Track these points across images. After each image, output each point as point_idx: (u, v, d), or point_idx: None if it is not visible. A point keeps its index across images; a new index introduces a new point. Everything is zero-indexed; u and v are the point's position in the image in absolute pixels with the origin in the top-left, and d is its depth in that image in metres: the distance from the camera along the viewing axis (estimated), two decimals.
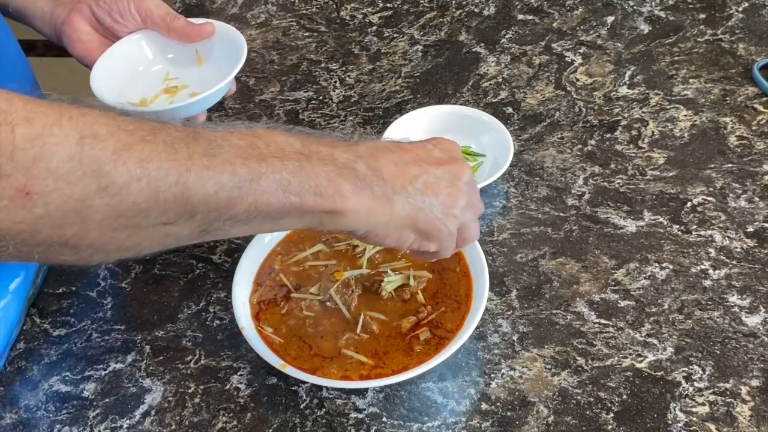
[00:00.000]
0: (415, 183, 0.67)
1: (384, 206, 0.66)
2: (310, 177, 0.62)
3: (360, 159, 0.65)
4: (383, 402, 0.80)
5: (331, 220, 0.64)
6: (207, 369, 0.84)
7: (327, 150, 0.64)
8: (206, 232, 0.60)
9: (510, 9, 1.24)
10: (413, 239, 0.69)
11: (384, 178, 0.66)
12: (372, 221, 0.66)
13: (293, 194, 0.61)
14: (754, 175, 0.97)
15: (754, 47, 1.14)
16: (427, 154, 0.70)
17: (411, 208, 0.67)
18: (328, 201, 0.62)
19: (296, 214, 0.62)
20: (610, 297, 0.87)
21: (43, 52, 2.41)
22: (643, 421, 0.77)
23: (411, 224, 0.68)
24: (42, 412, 0.82)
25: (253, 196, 0.59)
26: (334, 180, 0.63)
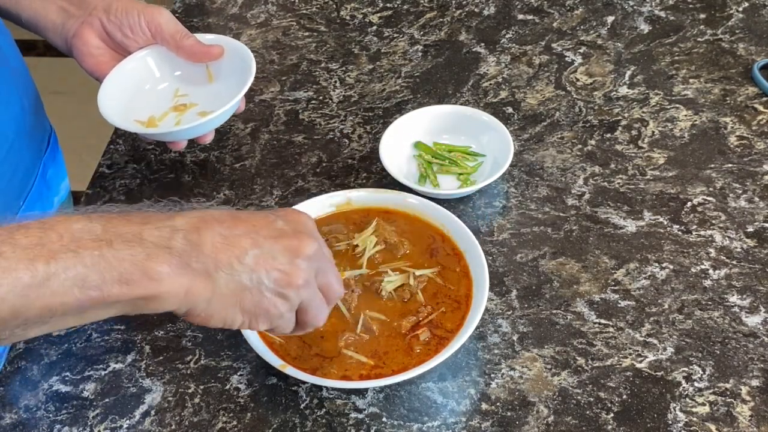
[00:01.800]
0: (244, 258, 0.62)
1: (205, 284, 0.61)
2: (112, 266, 0.57)
3: (177, 234, 0.60)
4: (383, 402, 0.80)
5: (146, 305, 0.60)
6: (207, 369, 0.84)
7: (134, 229, 0.59)
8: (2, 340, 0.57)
9: (510, 9, 1.24)
10: (241, 320, 0.64)
11: (206, 253, 0.61)
12: (192, 300, 0.61)
13: (92, 288, 0.56)
14: (754, 175, 0.97)
15: (754, 47, 1.14)
16: (265, 226, 0.65)
17: (236, 286, 0.62)
18: (136, 288, 0.58)
19: (101, 306, 0.58)
20: (610, 297, 0.87)
21: (43, 52, 2.41)
22: (643, 421, 0.77)
23: (236, 303, 0.63)
24: (42, 412, 0.82)
25: (43, 299, 0.55)
26: (142, 264, 0.58)
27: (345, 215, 0.93)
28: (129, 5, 0.93)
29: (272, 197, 1.01)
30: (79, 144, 1.05)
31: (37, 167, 0.95)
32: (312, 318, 0.69)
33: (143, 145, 1.07)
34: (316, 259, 0.66)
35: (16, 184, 0.90)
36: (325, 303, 0.70)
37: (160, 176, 1.05)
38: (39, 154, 0.96)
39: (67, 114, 1.23)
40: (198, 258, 0.61)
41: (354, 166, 1.03)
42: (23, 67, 0.94)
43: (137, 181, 1.04)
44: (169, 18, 0.95)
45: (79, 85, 0.97)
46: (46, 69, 2.55)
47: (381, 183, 1.00)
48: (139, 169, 1.06)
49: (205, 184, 1.03)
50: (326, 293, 0.69)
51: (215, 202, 1.00)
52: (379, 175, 1.01)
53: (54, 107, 1.01)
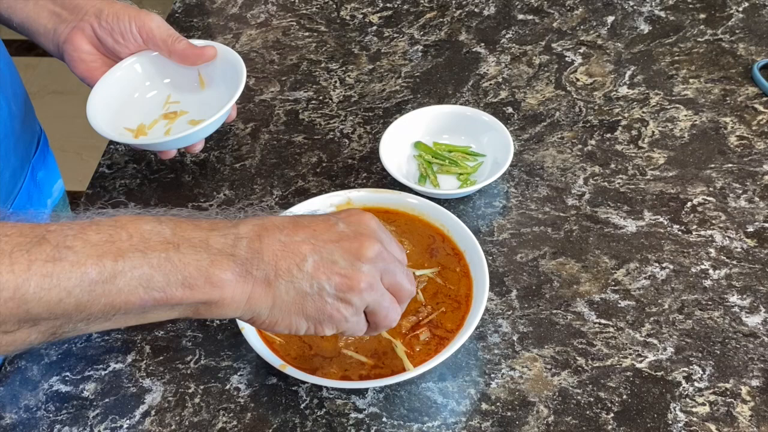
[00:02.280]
0: (304, 264, 0.62)
1: (266, 291, 0.61)
2: (177, 269, 0.58)
3: (240, 241, 0.61)
4: (383, 402, 0.80)
5: (208, 310, 0.61)
6: (207, 369, 0.84)
7: (201, 235, 0.60)
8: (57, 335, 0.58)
9: (510, 9, 1.24)
10: (306, 326, 0.65)
11: (266, 261, 0.61)
12: (254, 308, 0.62)
13: (156, 290, 0.57)
14: (754, 175, 0.97)
15: (754, 47, 1.14)
16: (326, 230, 0.64)
17: (296, 293, 0.63)
18: (198, 293, 0.59)
19: (164, 307, 0.59)
20: (610, 297, 0.87)
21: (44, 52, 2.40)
22: (643, 421, 0.77)
23: (299, 310, 0.63)
24: (42, 412, 0.82)
25: (108, 297, 0.56)
26: (206, 269, 0.59)
27: None
28: (120, 11, 0.92)
29: (272, 197, 1.01)
30: (79, 144, 1.05)
31: (25, 170, 0.95)
32: (383, 319, 0.68)
33: None
34: (380, 260, 0.65)
35: (3, 186, 0.90)
36: (396, 303, 0.69)
37: (160, 176, 1.05)
38: (27, 157, 0.96)
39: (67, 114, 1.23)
40: (259, 266, 0.61)
41: (354, 166, 1.03)
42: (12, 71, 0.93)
43: (137, 181, 1.04)
44: (161, 23, 0.94)
45: (79, 85, 0.97)
46: (46, 69, 2.56)
47: (381, 183, 1.00)
48: (139, 169, 1.06)
49: (205, 184, 1.03)
50: (396, 293, 0.68)
51: (215, 202, 1.00)
52: (379, 175, 1.01)
53: (54, 107, 1.01)
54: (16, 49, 1.00)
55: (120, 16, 0.92)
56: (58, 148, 1.12)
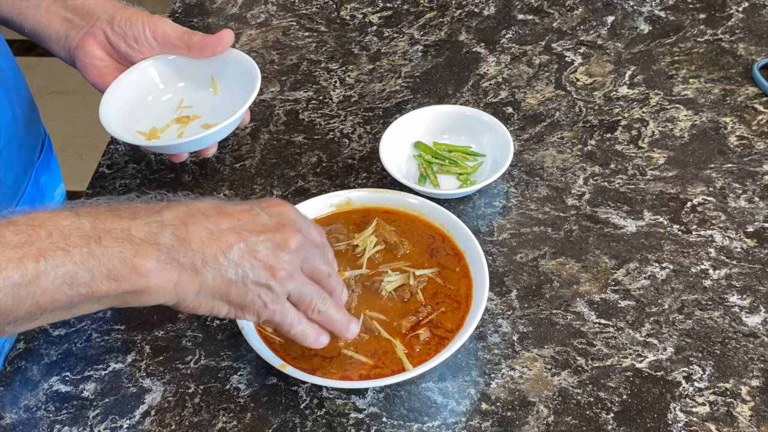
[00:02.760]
0: (229, 253, 0.64)
1: (193, 278, 0.63)
2: (100, 262, 0.58)
3: (165, 229, 0.62)
4: (383, 402, 0.80)
5: (135, 298, 0.62)
6: (207, 369, 0.84)
7: (123, 225, 0.61)
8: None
9: (510, 9, 1.24)
10: (227, 310, 0.67)
11: (193, 248, 0.63)
12: (180, 293, 0.63)
13: (82, 286, 0.58)
14: (754, 175, 0.97)
15: (754, 47, 1.14)
16: (250, 220, 0.66)
17: (222, 280, 0.64)
18: (125, 283, 0.60)
19: (91, 301, 0.60)
20: (610, 297, 0.87)
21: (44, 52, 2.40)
22: (643, 421, 0.77)
23: (222, 296, 0.65)
24: (42, 412, 0.82)
25: (33, 298, 0.57)
26: (130, 260, 0.59)
27: (345, 215, 0.93)
28: (133, 16, 0.91)
29: (272, 197, 1.01)
30: (79, 144, 1.05)
31: (29, 174, 0.94)
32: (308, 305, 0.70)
33: None
34: (301, 249, 0.68)
35: (6, 190, 0.89)
36: (319, 288, 0.71)
37: (160, 176, 1.05)
38: (31, 161, 0.95)
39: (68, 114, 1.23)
40: (186, 253, 0.62)
41: (354, 166, 1.03)
42: (16, 74, 0.93)
43: (137, 181, 1.04)
44: (173, 24, 0.93)
45: (80, 86, 0.97)
46: (47, 69, 2.56)
47: (381, 183, 1.00)
48: (139, 169, 1.06)
49: (205, 184, 1.03)
50: (316, 278, 0.71)
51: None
52: (379, 175, 1.01)
53: (54, 107, 1.01)
54: (16, 49, 1.00)
55: (133, 20, 0.91)
56: (57, 148, 1.12)
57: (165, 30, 0.92)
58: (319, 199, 0.93)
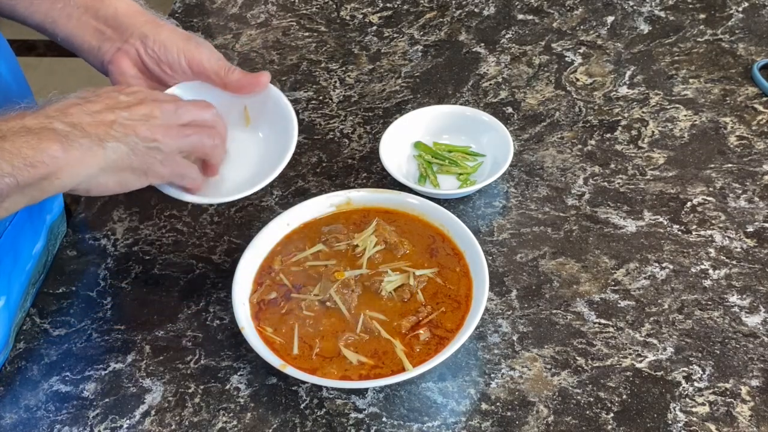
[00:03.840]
0: (112, 129, 0.71)
1: (96, 155, 0.69)
2: (14, 155, 0.64)
3: (53, 119, 0.67)
4: (383, 402, 0.80)
5: (50, 185, 0.66)
6: (207, 369, 0.84)
7: (17, 123, 0.66)
8: None
9: (510, 9, 1.24)
10: (135, 179, 0.73)
11: (86, 130, 0.68)
12: (89, 172, 0.69)
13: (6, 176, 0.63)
14: (754, 175, 0.97)
15: (754, 47, 1.14)
16: (115, 102, 0.73)
17: (121, 151, 0.71)
18: (41, 168, 0.65)
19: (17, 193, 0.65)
20: (610, 297, 0.87)
21: (44, 52, 2.40)
22: (643, 421, 0.77)
23: (127, 165, 0.72)
24: (42, 412, 0.82)
25: None
26: (37, 146, 0.65)
27: (345, 215, 0.93)
28: (167, 40, 0.88)
29: (272, 197, 1.01)
30: None
31: None
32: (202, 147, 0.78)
33: None
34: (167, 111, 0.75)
35: None
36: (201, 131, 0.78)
37: None
38: None
39: None
40: (82, 135, 0.68)
41: (354, 166, 1.03)
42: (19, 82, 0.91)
43: None
44: (210, 54, 0.89)
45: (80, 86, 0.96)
46: (47, 69, 2.56)
47: (381, 183, 1.00)
48: None
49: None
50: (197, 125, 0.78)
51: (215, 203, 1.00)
52: (379, 175, 1.02)
53: None
54: (17, 48, 1.00)
55: (168, 46, 0.88)
56: None
57: (201, 62, 0.89)
58: (319, 199, 0.93)
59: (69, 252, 0.97)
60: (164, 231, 0.98)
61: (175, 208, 1.00)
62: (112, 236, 0.98)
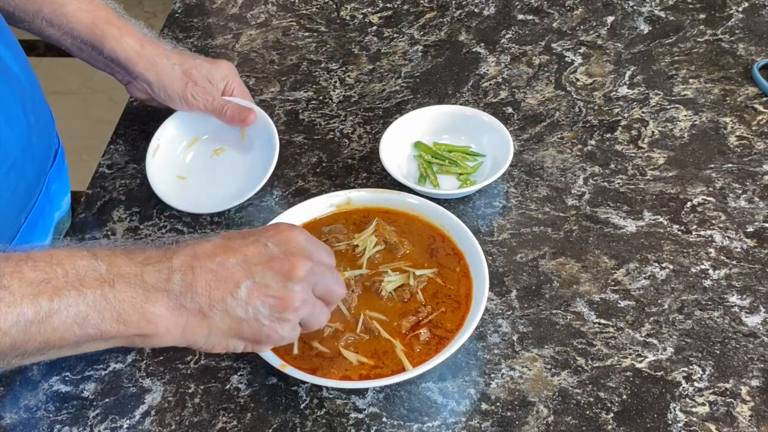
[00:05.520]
0: (237, 292, 0.64)
1: (201, 322, 0.64)
2: (112, 306, 0.60)
3: (174, 274, 0.63)
4: (383, 402, 0.80)
5: (143, 341, 0.63)
6: (207, 369, 0.84)
7: (136, 270, 0.62)
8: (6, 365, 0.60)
9: (510, 9, 1.24)
10: (243, 345, 0.68)
11: (199, 293, 0.63)
12: (189, 338, 0.64)
13: (91, 327, 0.59)
14: (754, 175, 0.97)
15: (754, 47, 1.14)
16: (257, 253, 0.66)
17: (231, 321, 0.65)
18: (132, 327, 0.61)
19: (98, 341, 0.61)
20: (610, 297, 0.87)
21: (44, 52, 2.40)
22: (643, 421, 0.77)
23: (235, 334, 0.66)
24: (42, 412, 0.82)
25: (44, 335, 0.58)
26: (140, 306, 0.61)
27: (345, 215, 0.93)
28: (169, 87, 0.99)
29: (272, 197, 1.01)
30: (79, 144, 1.05)
31: (41, 183, 0.94)
32: (314, 324, 0.71)
33: (143, 145, 1.06)
34: (311, 275, 0.68)
35: (18, 200, 0.88)
36: (325, 307, 0.71)
37: None
38: (44, 171, 0.94)
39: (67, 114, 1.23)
40: (192, 298, 0.63)
41: (354, 166, 1.03)
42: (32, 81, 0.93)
43: (137, 181, 1.04)
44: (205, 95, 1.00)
45: (79, 85, 0.97)
46: (47, 69, 2.55)
47: (381, 183, 1.00)
48: (139, 169, 1.06)
49: None
50: (326, 299, 0.71)
51: None
52: (379, 175, 1.01)
53: (54, 107, 1.01)
54: None
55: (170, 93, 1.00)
56: None
57: (198, 106, 1.01)
58: (319, 199, 0.93)
59: None
60: (164, 231, 0.98)
61: (175, 208, 1.00)
62: (112, 236, 0.98)
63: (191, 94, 1.00)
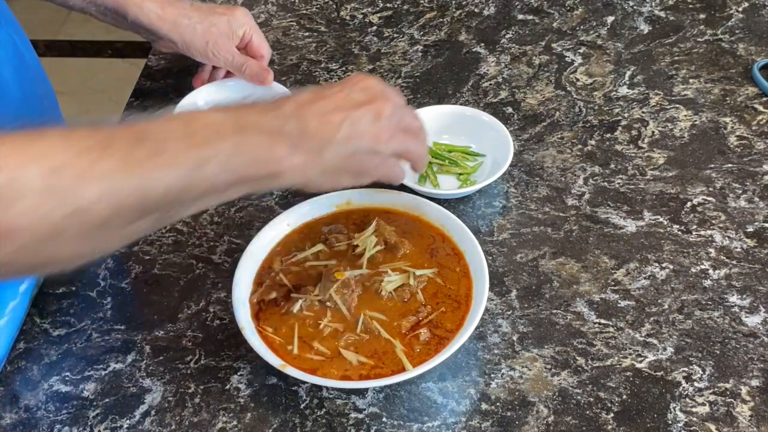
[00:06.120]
0: (340, 131, 0.73)
1: (316, 159, 0.72)
2: (247, 151, 0.68)
3: (288, 121, 0.71)
4: (383, 402, 0.80)
5: (271, 182, 0.71)
6: (207, 369, 0.84)
7: (257, 119, 0.70)
8: (162, 221, 0.66)
9: (510, 9, 1.24)
10: (349, 180, 0.76)
11: (311, 135, 0.71)
12: (308, 175, 0.72)
13: (234, 171, 0.67)
14: (754, 175, 0.97)
15: (754, 47, 1.14)
16: (346, 99, 0.75)
17: (340, 156, 0.73)
18: (264, 168, 0.69)
19: (239, 185, 0.68)
20: (610, 297, 0.87)
21: (44, 52, 2.40)
22: (643, 421, 0.77)
23: (344, 169, 0.75)
24: (42, 412, 0.82)
25: (200, 182, 0.65)
26: (268, 148, 0.69)
27: (345, 215, 0.93)
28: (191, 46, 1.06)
29: (272, 197, 1.01)
30: None
31: None
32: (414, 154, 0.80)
33: None
34: (393, 114, 0.76)
35: None
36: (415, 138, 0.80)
37: None
38: None
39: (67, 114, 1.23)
40: (306, 140, 0.71)
41: None
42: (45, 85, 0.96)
43: None
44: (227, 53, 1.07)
45: (79, 85, 0.97)
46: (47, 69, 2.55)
47: (381, 183, 1.00)
48: None
49: None
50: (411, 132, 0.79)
51: None
52: None
53: None
54: None
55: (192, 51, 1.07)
56: None
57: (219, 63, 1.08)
58: (319, 199, 0.93)
59: None
60: (164, 231, 0.98)
61: None
62: None
63: (212, 52, 1.07)
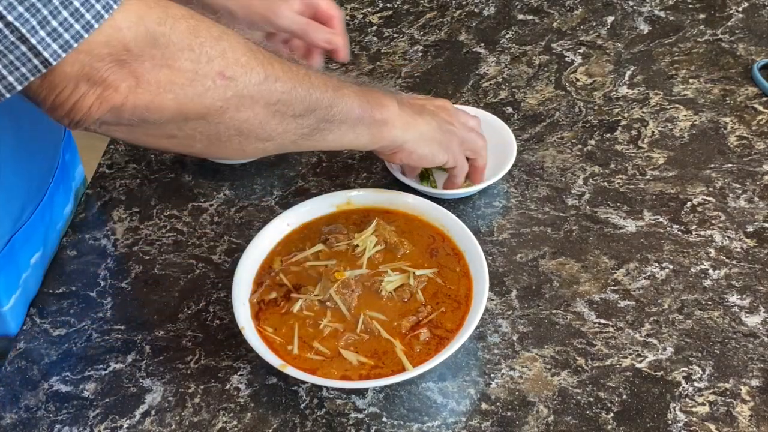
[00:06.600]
0: (425, 111, 0.89)
1: (416, 123, 0.86)
2: (368, 96, 0.82)
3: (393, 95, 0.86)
4: (383, 402, 0.80)
5: (386, 131, 0.84)
6: (207, 369, 0.84)
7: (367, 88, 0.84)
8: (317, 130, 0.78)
9: (510, 9, 1.24)
10: (439, 151, 0.89)
11: (410, 105, 0.87)
12: (408, 134, 0.85)
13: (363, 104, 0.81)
14: (754, 175, 0.97)
15: (754, 47, 1.14)
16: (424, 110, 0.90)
17: (431, 127, 0.88)
18: (381, 111, 0.82)
19: (365, 122, 0.81)
20: (610, 297, 0.87)
21: None
22: (643, 421, 0.77)
23: (434, 138, 0.88)
24: (42, 412, 0.82)
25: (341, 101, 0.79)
26: (380, 98, 0.83)
27: (345, 215, 0.93)
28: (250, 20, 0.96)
29: (272, 197, 1.01)
30: (79, 144, 1.05)
31: (58, 153, 0.99)
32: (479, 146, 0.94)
33: None
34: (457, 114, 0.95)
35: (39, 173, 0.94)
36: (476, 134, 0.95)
37: (160, 176, 1.05)
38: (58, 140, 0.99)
39: None
40: (407, 106, 0.87)
41: (354, 166, 1.03)
42: None
43: (137, 181, 1.04)
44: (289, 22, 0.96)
45: None
46: None
47: (381, 183, 1.00)
48: (139, 169, 1.06)
49: (205, 184, 1.03)
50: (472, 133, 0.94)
51: (215, 202, 1.00)
52: (379, 175, 1.02)
53: None
54: None
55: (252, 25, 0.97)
56: None
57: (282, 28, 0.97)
58: (319, 199, 0.93)
59: (69, 252, 0.97)
60: (164, 231, 0.98)
61: (175, 208, 1.00)
62: (112, 236, 0.98)
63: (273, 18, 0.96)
